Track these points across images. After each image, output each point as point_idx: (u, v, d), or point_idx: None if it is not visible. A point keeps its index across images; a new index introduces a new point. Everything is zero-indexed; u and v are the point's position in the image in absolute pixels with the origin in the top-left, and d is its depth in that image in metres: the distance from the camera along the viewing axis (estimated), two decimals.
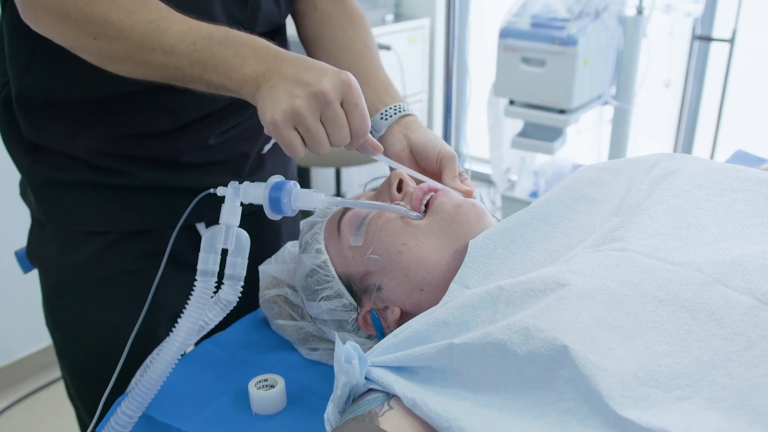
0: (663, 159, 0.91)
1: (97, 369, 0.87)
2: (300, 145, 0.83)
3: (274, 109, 0.81)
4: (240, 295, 0.87)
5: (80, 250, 1.10)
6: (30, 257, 1.21)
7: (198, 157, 1.10)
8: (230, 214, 0.89)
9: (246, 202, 0.89)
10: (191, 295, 0.85)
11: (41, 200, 1.11)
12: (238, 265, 0.87)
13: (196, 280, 0.85)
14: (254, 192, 0.90)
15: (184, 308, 0.86)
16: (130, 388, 0.90)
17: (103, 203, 1.08)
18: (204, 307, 0.86)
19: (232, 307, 0.88)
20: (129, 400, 0.87)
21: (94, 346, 1.07)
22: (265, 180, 0.89)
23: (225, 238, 0.87)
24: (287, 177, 1.31)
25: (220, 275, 0.88)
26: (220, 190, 0.88)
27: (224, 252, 0.88)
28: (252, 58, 0.83)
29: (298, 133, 0.83)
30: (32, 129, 1.05)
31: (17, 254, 1.27)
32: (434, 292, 0.89)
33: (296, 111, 0.80)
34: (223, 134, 1.12)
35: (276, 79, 0.82)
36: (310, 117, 0.81)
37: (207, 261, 0.86)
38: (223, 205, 0.88)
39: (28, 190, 1.13)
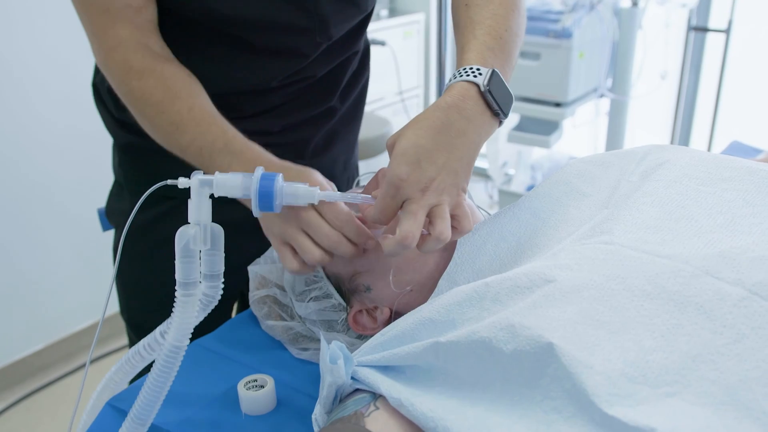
0: (653, 150, 0.90)
1: (150, 323, 0.87)
2: (291, 261, 0.89)
3: (268, 237, 0.92)
4: (222, 291, 0.81)
5: (147, 211, 1.17)
6: (108, 216, 1.33)
7: (260, 141, 1.13)
8: (199, 209, 0.77)
9: (220, 195, 0.80)
10: (173, 308, 0.78)
11: (122, 161, 1.23)
12: (215, 263, 0.79)
13: (176, 291, 0.77)
14: (232, 183, 0.80)
15: (169, 325, 0.79)
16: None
17: (172, 169, 1.13)
18: (191, 323, 0.77)
19: (213, 306, 0.81)
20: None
21: (149, 302, 1.11)
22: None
23: (200, 238, 0.77)
24: (349, 163, 1.36)
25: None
26: (181, 182, 0.78)
27: None
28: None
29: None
30: (114, 104, 1.18)
31: (99, 212, 1.41)
32: (423, 291, 0.88)
33: (276, 246, 0.90)
34: (287, 122, 1.20)
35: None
36: (285, 250, 0.89)
37: (188, 271, 0.76)
38: (189, 200, 0.77)
39: (114, 152, 1.25)
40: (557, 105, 2.69)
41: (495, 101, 0.85)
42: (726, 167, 0.82)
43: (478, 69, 0.85)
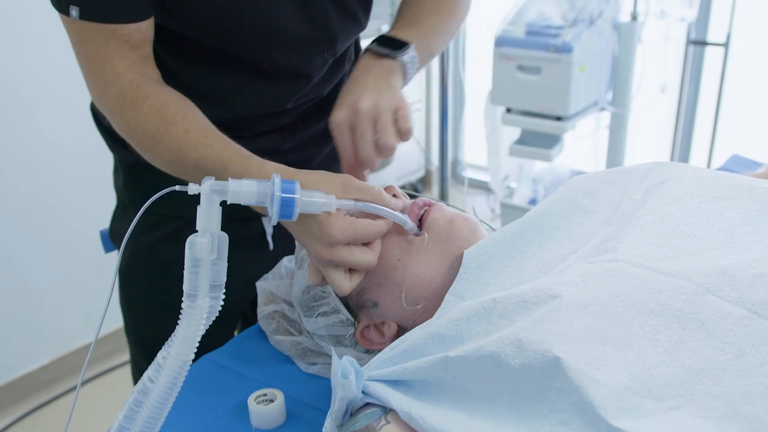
0: (655, 168, 0.91)
1: (158, 344, 0.86)
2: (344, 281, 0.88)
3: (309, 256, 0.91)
4: (223, 301, 0.78)
5: (154, 232, 1.19)
6: (112, 238, 1.33)
7: (270, 159, 1.15)
8: (209, 217, 0.75)
9: (233, 201, 0.79)
10: (179, 320, 0.76)
11: (128, 181, 1.23)
12: (219, 273, 0.76)
13: (182, 302, 0.76)
14: (248, 190, 0.78)
15: (173, 338, 0.77)
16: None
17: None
18: (197, 336, 0.76)
19: (214, 317, 0.79)
20: None
21: (157, 323, 1.11)
22: None
23: (209, 248, 0.74)
24: None
25: None
26: (191, 188, 0.76)
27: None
28: None
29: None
30: None
31: (102, 234, 1.41)
32: (430, 306, 0.89)
33: (321, 268, 0.88)
34: (296, 140, 1.22)
35: (284, 225, 0.90)
36: (337, 272, 0.87)
37: (196, 282, 0.74)
38: (198, 207, 0.75)
39: (119, 172, 1.25)
40: (558, 119, 2.70)
41: (381, 49, 1.04)
42: (726, 185, 0.83)
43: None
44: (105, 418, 0.96)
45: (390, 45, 1.05)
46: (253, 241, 1.23)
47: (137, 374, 1.37)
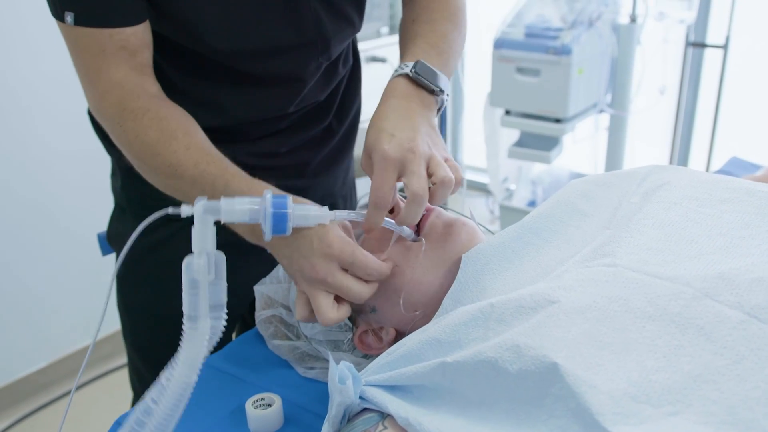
0: (654, 171, 0.91)
1: (156, 346, 0.84)
2: (330, 309, 0.87)
3: (298, 283, 0.89)
4: (225, 323, 0.78)
5: (151, 235, 1.16)
6: (109, 241, 1.33)
7: (267, 162, 1.14)
8: (204, 238, 0.74)
9: (227, 221, 0.78)
10: (180, 343, 0.74)
11: (125, 185, 1.22)
12: (218, 293, 0.75)
13: (183, 323, 0.74)
14: (240, 208, 0.78)
15: (175, 360, 0.74)
16: None
17: None
18: (199, 357, 0.74)
19: (217, 338, 0.78)
20: None
21: (154, 325, 1.09)
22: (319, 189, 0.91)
23: (206, 269, 0.74)
24: (346, 179, 1.37)
25: None
26: (184, 210, 0.75)
27: None
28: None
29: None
30: None
31: (99, 237, 1.41)
32: (428, 311, 0.89)
33: (309, 293, 0.87)
34: (293, 144, 1.21)
35: (274, 251, 0.90)
36: (325, 299, 0.86)
37: (195, 303, 0.73)
38: (193, 228, 0.74)
39: (117, 175, 1.24)
40: (557, 121, 2.70)
41: (425, 80, 0.97)
42: (725, 188, 0.83)
43: (405, 64, 0.98)
44: (103, 421, 0.96)
45: (426, 74, 0.97)
46: (250, 244, 1.23)
47: (134, 377, 1.37)
